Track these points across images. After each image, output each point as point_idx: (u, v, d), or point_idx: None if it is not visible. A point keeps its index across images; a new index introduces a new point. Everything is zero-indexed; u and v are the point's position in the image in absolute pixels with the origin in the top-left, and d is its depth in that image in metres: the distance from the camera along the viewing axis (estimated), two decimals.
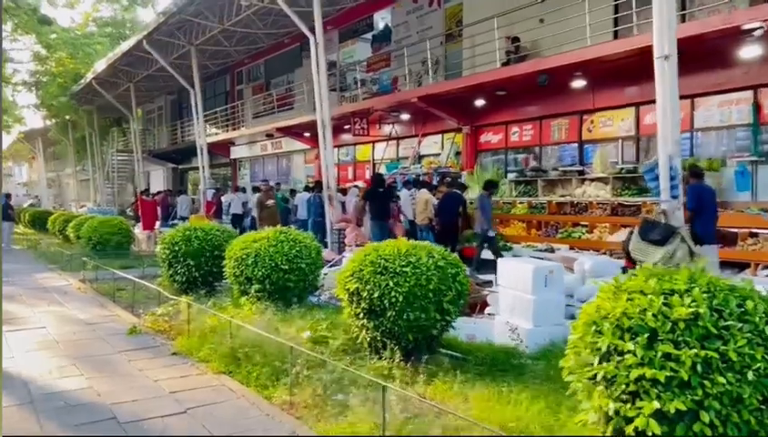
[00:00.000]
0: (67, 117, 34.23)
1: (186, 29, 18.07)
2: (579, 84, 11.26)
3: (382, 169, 17.16)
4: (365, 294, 5.27)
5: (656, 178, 6.23)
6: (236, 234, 9.68)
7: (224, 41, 19.28)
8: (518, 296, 5.96)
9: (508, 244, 11.58)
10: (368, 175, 18.57)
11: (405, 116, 15.80)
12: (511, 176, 13.23)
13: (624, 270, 6.31)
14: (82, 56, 27.96)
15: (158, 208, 19.90)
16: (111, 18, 33.84)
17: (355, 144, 19.08)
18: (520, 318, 5.88)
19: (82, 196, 45.00)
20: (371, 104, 15.86)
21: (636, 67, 10.25)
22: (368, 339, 5.42)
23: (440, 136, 15.60)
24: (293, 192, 18.67)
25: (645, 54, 9.48)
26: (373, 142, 18.15)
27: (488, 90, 12.65)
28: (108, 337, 6.67)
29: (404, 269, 5.22)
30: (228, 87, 27.63)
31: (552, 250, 10.70)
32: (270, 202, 12.89)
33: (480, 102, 13.33)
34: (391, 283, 5.17)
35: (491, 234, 10.37)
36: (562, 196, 11.86)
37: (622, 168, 10.85)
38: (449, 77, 14.86)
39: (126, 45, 20.86)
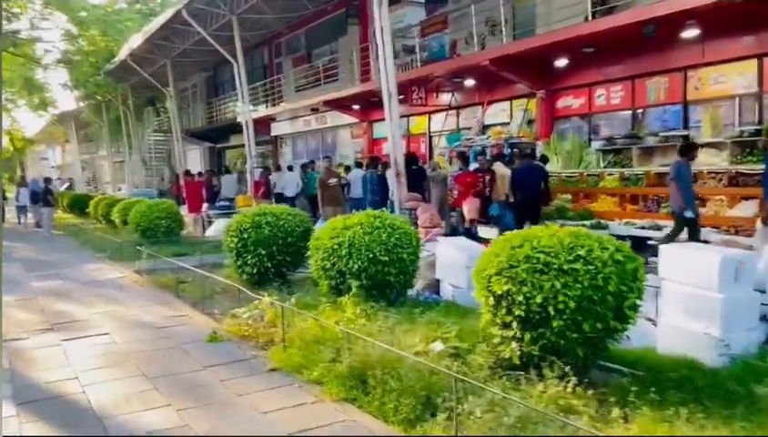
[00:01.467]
0: (100, 98, 33.55)
1: None
2: (686, 35, 9.82)
3: (442, 142, 15.92)
4: (519, 298, 4.13)
5: None
6: (308, 219, 8.62)
7: (266, 9, 18.08)
8: (695, 293, 4.74)
9: (602, 221, 10.32)
10: (423, 148, 17.36)
11: (469, 82, 14.46)
12: (597, 144, 11.88)
13: None
14: (113, 34, 27.03)
15: (203, 190, 18.94)
16: None
17: (409, 115, 17.79)
18: (698, 321, 4.66)
19: (116, 178, 44.58)
20: (431, 70, 14.56)
21: (760, 12, 8.84)
22: (519, 353, 4.29)
23: (509, 103, 14.26)
24: (348, 169, 17.56)
25: None
26: (429, 113, 16.87)
27: (571, 48, 11.27)
28: (186, 346, 5.64)
29: (573, 266, 4.05)
30: (267, 61, 26.43)
31: (659, 228, 9.41)
32: (333, 181, 11.77)
33: (560, 62, 11.94)
34: (558, 284, 4.02)
35: (690, 215, 8.06)
36: (663, 165, 10.50)
37: (743, 131, 9.45)
38: (517, 37, 13.47)
39: (164, 17, 19.79)
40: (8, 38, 21.60)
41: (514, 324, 4.22)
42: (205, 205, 17.48)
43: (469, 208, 10.53)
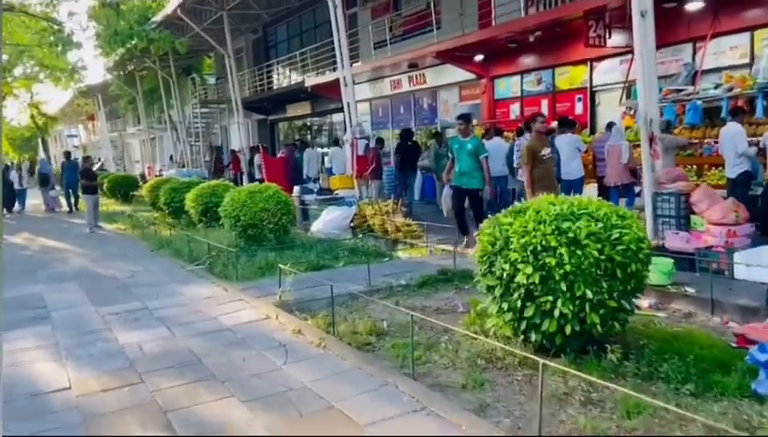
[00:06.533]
0: (131, 68, 29.63)
1: None
2: None
3: (619, 96, 11.72)
4: None
5: None
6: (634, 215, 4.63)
7: None
8: None
9: None
10: (580, 108, 13.22)
11: (693, 6, 10.24)
12: None
13: None
14: None
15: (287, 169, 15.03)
16: None
17: (553, 66, 13.67)
18: None
19: (147, 157, 40.79)
20: None
21: None
22: None
23: (747, 35, 10.02)
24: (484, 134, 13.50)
25: None
26: (590, 60, 12.69)
27: None
28: None
29: None
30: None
31: None
32: (547, 152, 7.69)
33: None
34: None
35: None
36: None
37: None
38: None
39: None
40: None
41: None
42: (296, 188, 13.54)
43: None
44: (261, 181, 16.39)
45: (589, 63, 12.77)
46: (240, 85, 29.66)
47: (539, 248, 4.09)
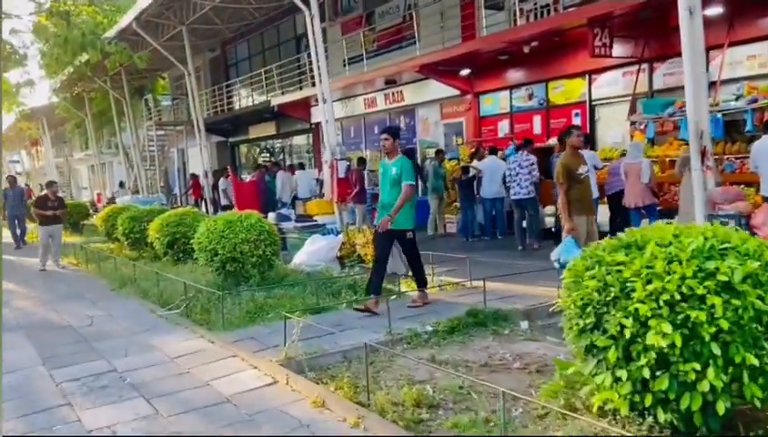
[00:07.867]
0: (78, 90, 27.76)
1: None
2: None
3: (638, 110, 10.90)
4: None
5: None
6: None
7: None
8: None
9: None
10: (578, 123, 12.38)
11: (708, 12, 9.54)
12: None
13: None
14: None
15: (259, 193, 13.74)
16: None
17: (546, 80, 12.87)
18: None
19: (96, 183, 38.66)
20: None
21: None
22: None
23: (766, 43, 9.39)
24: (473, 154, 12.56)
25: None
26: (589, 72, 11.93)
27: None
28: None
29: None
30: (301, 30, 21.17)
31: None
32: (584, 169, 6.67)
33: None
34: None
35: None
36: None
37: None
38: None
39: None
40: None
41: None
42: (271, 215, 12.26)
43: None
44: (226, 208, 15.11)
45: (587, 76, 12.02)
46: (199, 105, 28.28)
47: (676, 296, 3.01)
